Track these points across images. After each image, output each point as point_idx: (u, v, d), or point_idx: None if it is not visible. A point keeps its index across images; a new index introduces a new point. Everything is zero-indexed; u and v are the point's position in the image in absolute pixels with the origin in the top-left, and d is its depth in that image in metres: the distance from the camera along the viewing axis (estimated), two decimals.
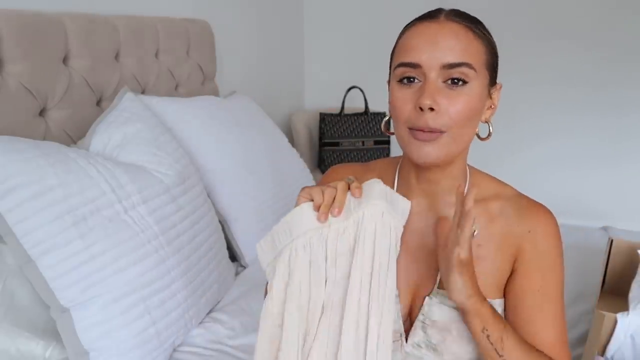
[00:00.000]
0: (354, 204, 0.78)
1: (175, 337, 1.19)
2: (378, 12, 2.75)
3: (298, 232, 0.78)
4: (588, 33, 2.44)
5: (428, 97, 0.74)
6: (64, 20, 1.34)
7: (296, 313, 0.77)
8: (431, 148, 0.77)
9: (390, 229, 0.78)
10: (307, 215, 0.78)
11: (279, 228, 0.80)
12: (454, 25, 0.77)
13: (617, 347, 1.15)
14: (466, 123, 0.78)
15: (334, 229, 0.78)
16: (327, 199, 0.77)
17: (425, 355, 0.85)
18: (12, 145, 1.04)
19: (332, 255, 0.77)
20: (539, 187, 1.27)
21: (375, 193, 0.79)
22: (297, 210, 0.78)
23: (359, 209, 0.78)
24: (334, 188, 0.78)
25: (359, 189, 0.79)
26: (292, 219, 0.78)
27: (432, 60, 0.75)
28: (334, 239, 0.77)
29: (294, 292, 0.77)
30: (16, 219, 0.99)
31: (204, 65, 1.97)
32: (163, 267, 1.16)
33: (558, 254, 0.85)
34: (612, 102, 2.48)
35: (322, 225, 0.78)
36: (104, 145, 1.24)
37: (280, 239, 0.79)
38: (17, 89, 1.21)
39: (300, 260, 0.77)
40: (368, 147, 2.61)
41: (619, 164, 2.52)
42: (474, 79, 0.76)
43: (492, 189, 0.88)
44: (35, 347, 1.06)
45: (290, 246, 0.78)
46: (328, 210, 0.77)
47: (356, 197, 0.79)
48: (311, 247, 0.78)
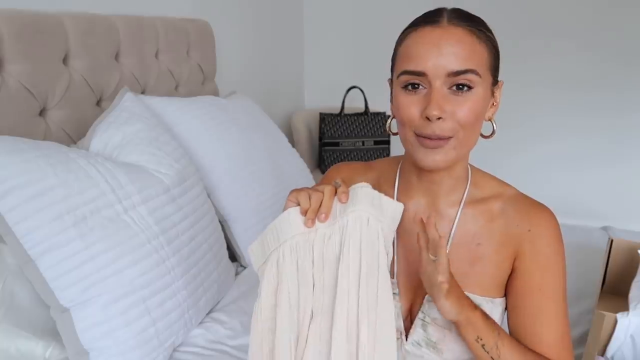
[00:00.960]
0: (340, 209, 0.78)
1: (175, 337, 1.19)
2: (378, 12, 2.75)
3: (285, 237, 0.78)
4: (588, 33, 2.44)
5: (435, 107, 0.75)
6: (64, 20, 1.34)
7: (287, 317, 0.77)
8: (438, 155, 0.78)
9: (377, 235, 0.77)
10: (294, 220, 0.78)
11: (267, 232, 0.80)
12: (458, 30, 0.76)
13: (617, 347, 1.15)
14: (472, 127, 0.78)
15: (320, 234, 0.78)
16: (313, 204, 0.77)
17: (425, 354, 0.85)
18: (12, 145, 1.04)
19: (319, 260, 0.77)
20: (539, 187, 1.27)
21: (360, 198, 0.78)
22: (284, 215, 0.78)
23: (344, 215, 0.77)
24: (321, 192, 0.78)
25: (345, 194, 0.78)
26: (280, 224, 0.79)
27: (438, 68, 0.75)
28: (320, 244, 0.77)
29: (283, 296, 0.77)
30: (16, 219, 0.99)
31: (204, 65, 1.97)
32: (163, 267, 1.16)
33: (559, 254, 0.84)
34: (612, 102, 2.48)
35: (309, 230, 0.78)
36: (104, 145, 1.24)
37: (268, 243, 0.80)
38: (17, 89, 1.21)
39: (287, 265, 0.78)
40: (368, 147, 2.61)
41: (619, 164, 2.52)
42: (478, 84, 0.77)
43: (493, 189, 0.88)
44: (35, 347, 1.06)
45: (278, 250, 0.78)
46: (315, 215, 0.77)
47: (342, 203, 0.78)
48: (298, 252, 0.78)
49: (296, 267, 0.78)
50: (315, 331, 0.76)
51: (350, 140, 2.60)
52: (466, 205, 0.87)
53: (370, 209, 0.78)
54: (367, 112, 2.63)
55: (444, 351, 0.84)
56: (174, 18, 1.82)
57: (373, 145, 2.62)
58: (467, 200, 0.87)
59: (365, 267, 0.76)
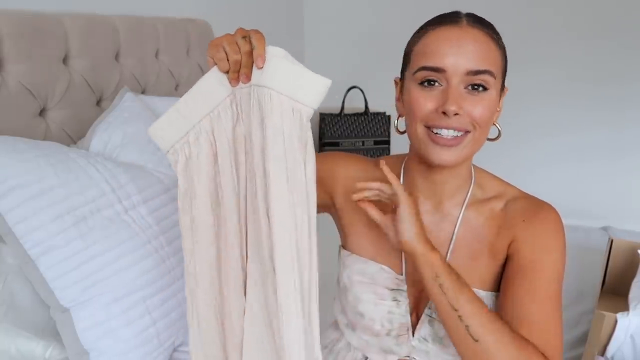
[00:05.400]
0: (256, 75, 0.72)
1: (175, 337, 1.19)
2: (378, 12, 2.75)
3: (215, 99, 0.73)
4: (590, 29, 2.44)
5: (453, 103, 0.76)
6: (64, 20, 1.34)
7: (232, 183, 0.74)
8: (450, 152, 0.79)
9: (301, 120, 0.72)
10: (219, 79, 0.72)
11: (183, 103, 0.74)
12: (476, 32, 0.78)
13: (617, 347, 1.15)
14: (486, 126, 0.80)
15: (240, 97, 0.73)
16: (233, 65, 0.71)
17: (431, 349, 0.85)
18: (12, 145, 1.04)
19: (242, 140, 0.73)
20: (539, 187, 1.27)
21: (280, 74, 0.71)
22: (205, 80, 0.73)
23: (262, 85, 0.71)
24: (237, 51, 0.71)
25: (262, 57, 0.72)
26: (199, 89, 0.73)
27: (457, 66, 0.76)
28: (246, 103, 0.73)
29: (225, 161, 0.73)
30: (16, 219, 0.99)
31: (204, 65, 1.97)
32: (163, 267, 1.16)
33: (556, 241, 0.83)
34: (612, 101, 2.48)
35: (227, 94, 0.73)
36: (104, 145, 1.24)
37: (190, 111, 0.74)
38: (17, 89, 1.21)
39: (225, 125, 0.73)
40: (368, 147, 2.61)
41: (619, 164, 2.52)
42: (493, 86, 0.78)
43: (496, 189, 0.89)
44: (35, 347, 1.06)
45: (197, 127, 0.73)
46: (237, 75, 0.72)
47: (259, 68, 0.71)
48: (220, 127, 0.73)
49: (233, 130, 0.73)
50: (250, 217, 0.74)
51: (350, 140, 2.61)
52: (469, 206, 0.88)
53: (291, 90, 0.72)
54: (367, 112, 2.63)
55: (450, 346, 0.84)
56: (174, 18, 1.83)
57: (373, 145, 2.62)
58: (470, 200, 0.88)
59: (292, 156, 0.71)
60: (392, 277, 0.88)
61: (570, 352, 1.33)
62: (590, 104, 2.51)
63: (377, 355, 0.89)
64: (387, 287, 0.88)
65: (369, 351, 0.90)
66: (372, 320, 0.88)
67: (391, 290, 0.87)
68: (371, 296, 0.88)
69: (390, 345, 0.88)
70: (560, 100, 2.54)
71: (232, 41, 0.71)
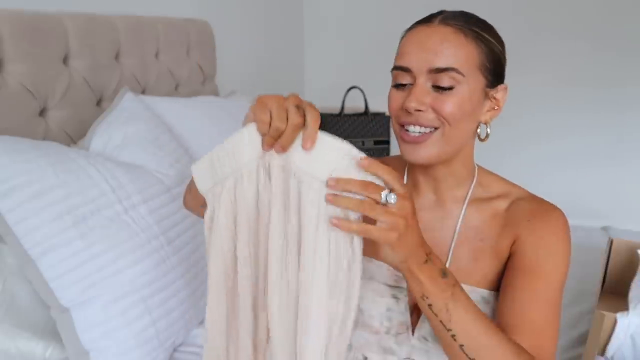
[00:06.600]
0: (301, 157, 0.66)
1: (175, 337, 1.19)
2: (378, 12, 2.76)
3: (243, 160, 0.70)
4: (590, 31, 2.44)
5: (413, 99, 0.78)
6: (64, 20, 1.34)
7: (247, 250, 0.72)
8: (421, 149, 0.80)
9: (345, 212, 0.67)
10: (253, 140, 0.69)
11: (220, 152, 0.71)
12: (446, 30, 0.78)
13: (617, 347, 1.15)
14: (457, 123, 0.79)
15: (275, 164, 0.69)
16: (273, 132, 0.66)
17: (431, 348, 0.85)
18: (12, 145, 1.04)
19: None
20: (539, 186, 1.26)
21: (326, 164, 0.65)
22: (241, 135, 0.69)
23: (304, 173, 0.66)
24: (283, 119, 0.65)
25: (312, 140, 0.66)
26: (237, 144, 0.70)
27: (420, 64, 0.78)
28: (277, 173, 0.69)
29: (243, 227, 0.71)
30: (16, 219, 0.99)
31: (204, 65, 1.97)
32: (163, 267, 1.16)
33: (559, 248, 0.82)
34: (612, 102, 2.48)
35: (264, 154, 0.69)
36: (104, 145, 1.24)
37: (222, 164, 0.71)
38: (17, 89, 1.21)
39: (246, 190, 0.70)
40: (368, 147, 2.61)
41: (619, 164, 2.52)
42: (462, 83, 0.78)
43: (500, 189, 0.90)
44: (35, 347, 1.06)
45: (235, 174, 0.71)
46: (273, 142, 0.67)
47: (306, 150, 0.66)
48: (258, 179, 0.70)
49: (256, 193, 0.71)
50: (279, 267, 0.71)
51: (350, 141, 2.57)
52: (470, 204, 0.88)
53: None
54: (367, 112, 2.63)
55: None
56: (174, 18, 1.83)
57: (373, 146, 2.62)
58: (471, 198, 0.88)
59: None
60: (391, 274, 0.88)
61: (570, 352, 1.33)
62: (591, 107, 2.51)
63: (376, 355, 0.89)
64: (386, 283, 0.88)
65: (368, 351, 0.90)
66: (371, 317, 0.88)
67: (390, 287, 0.87)
68: (370, 293, 0.88)
69: (390, 344, 0.88)
70: (561, 103, 2.54)
71: (282, 106, 0.66)
